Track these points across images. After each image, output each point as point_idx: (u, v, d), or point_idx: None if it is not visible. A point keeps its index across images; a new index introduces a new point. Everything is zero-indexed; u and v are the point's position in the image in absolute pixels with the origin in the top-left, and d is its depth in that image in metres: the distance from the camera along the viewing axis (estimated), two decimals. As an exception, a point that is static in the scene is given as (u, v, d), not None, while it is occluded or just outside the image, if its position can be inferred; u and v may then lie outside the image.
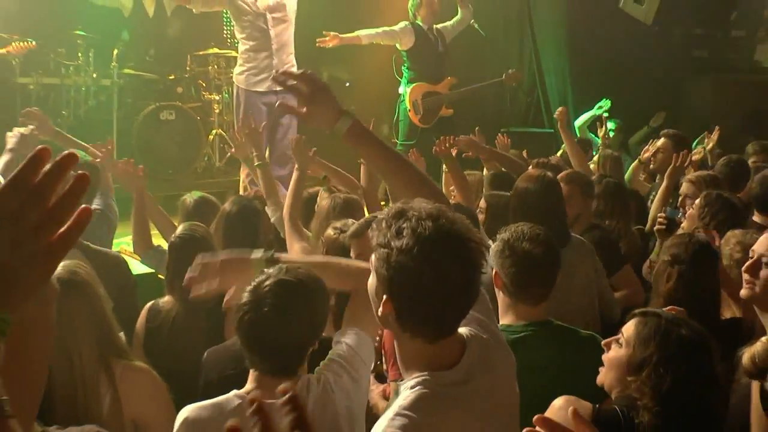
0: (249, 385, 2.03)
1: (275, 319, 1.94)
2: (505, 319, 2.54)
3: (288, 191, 3.94)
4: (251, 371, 2.04)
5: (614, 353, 2.11)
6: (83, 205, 1.00)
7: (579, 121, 7.32)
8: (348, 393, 2.11)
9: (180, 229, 3.24)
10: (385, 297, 1.65)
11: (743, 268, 2.54)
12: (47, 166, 0.97)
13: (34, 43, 6.79)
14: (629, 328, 2.09)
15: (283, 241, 3.75)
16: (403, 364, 1.75)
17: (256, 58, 6.06)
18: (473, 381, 1.72)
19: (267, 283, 1.98)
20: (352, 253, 2.77)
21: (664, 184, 4.42)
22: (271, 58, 6.01)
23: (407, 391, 1.67)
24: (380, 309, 1.67)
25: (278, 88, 5.50)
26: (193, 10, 6.06)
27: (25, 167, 0.97)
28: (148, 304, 3.02)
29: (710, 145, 5.93)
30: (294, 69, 5.97)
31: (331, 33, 6.56)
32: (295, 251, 3.47)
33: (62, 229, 0.98)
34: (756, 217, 4.00)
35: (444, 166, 4.98)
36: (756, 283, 2.45)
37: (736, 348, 2.35)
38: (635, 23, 8.09)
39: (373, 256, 1.67)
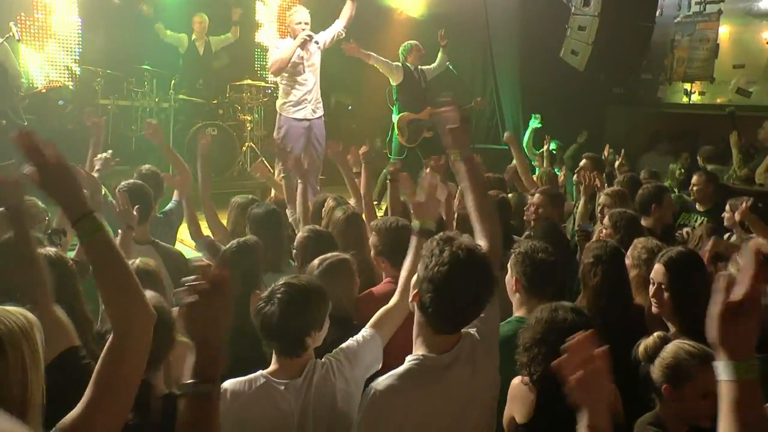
0: (272, 366, 2.27)
1: (279, 311, 2.21)
2: (518, 313, 2.86)
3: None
4: (273, 354, 2.29)
5: None
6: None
7: (525, 139, 8.15)
8: (345, 377, 2.33)
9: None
10: (416, 290, 1.96)
11: (651, 294, 2.85)
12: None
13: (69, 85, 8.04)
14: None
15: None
16: (415, 340, 2.03)
17: (296, 92, 7.09)
18: (456, 367, 1.96)
19: (280, 285, 2.27)
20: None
21: (582, 198, 4.75)
22: (307, 93, 7.04)
23: (406, 363, 1.97)
24: (411, 296, 1.99)
25: (311, 117, 7.04)
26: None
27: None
28: None
29: (617, 162, 6.89)
30: (320, 99, 7.21)
31: (354, 44, 7.36)
32: None
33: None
34: (643, 221, 4.37)
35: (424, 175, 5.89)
36: (661, 303, 2.83)
37: (642, 327, 2.73)
38: (571, 68, 8.56)
39: (421, 262, 1.97)
